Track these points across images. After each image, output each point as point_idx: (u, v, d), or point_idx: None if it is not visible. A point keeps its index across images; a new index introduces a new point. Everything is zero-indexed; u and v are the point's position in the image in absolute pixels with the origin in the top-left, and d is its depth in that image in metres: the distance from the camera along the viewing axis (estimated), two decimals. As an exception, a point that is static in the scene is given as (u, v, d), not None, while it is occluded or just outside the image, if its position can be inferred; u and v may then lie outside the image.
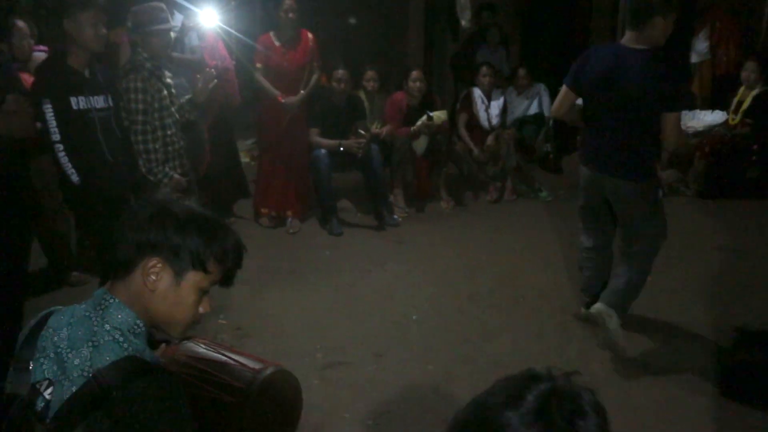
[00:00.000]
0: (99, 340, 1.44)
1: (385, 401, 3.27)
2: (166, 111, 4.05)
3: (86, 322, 1.48)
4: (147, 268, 1.50)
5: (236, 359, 2.11)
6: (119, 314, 1.49)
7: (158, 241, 1.50)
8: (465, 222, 6.07)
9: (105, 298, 1.51)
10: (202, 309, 1.59)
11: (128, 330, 1.49)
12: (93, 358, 1.41)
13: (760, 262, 4.91)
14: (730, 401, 3.22)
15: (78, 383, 1.39)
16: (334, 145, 5.68)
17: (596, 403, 1.09)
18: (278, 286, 4.56)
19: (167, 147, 4.07)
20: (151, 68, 3.99)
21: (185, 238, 1.51)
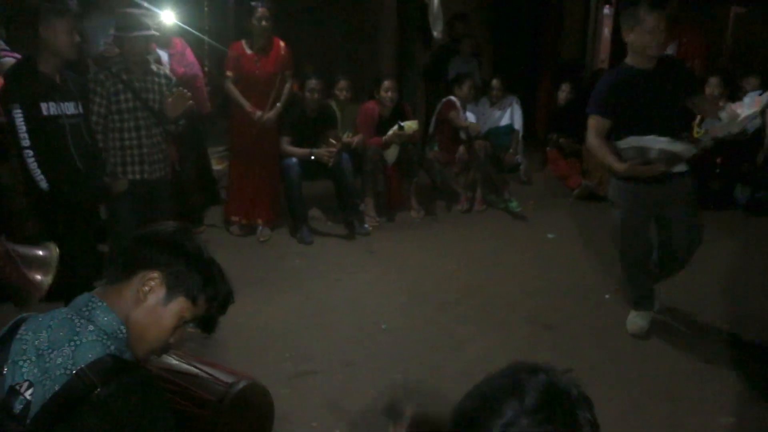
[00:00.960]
0: (81, 339, 1.46)
1: (354, 410, 3.28)
2: (128, 114, 4.06)
3: (68, 324, 1.49)
4: (146, 279, 1.58)
5: (208, 372, 2.11)
6: (105, 317, 1.52)
7: (166, 263, 1.60)
8: (435, 231, 6.10)
9: (92, 301, 1.54)
10: (173, 340, 1.65)
11: (111, 333, 1.51)
12: (75, 356, 1.43)
13: (723, 272, 4.99)
14: (693, 406, 3.28)
15: (61, 381, 1.40)
16: (306, 154, 5.69)
17: (586, 397, 1.15)
18: (248, 294, 4.54)
19: (125, 150, 4.08)
20: (116, 71, 4.01)
21: (190, 270, 1.61)
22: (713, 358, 3.75)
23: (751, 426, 3.19)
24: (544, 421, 1.09)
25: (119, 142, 4.12)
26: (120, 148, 4.12)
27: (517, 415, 1.10)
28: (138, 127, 4.14)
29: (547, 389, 1.13)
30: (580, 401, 1.14)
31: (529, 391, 1.12)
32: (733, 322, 4.20)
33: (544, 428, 1.09)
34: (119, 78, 4.07)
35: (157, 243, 1.63)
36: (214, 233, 5.80)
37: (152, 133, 4.21)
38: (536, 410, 1.10)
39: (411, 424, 1.72)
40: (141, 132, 4.15)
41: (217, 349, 3.81)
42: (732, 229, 6.02)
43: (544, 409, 1.10)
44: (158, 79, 4.24)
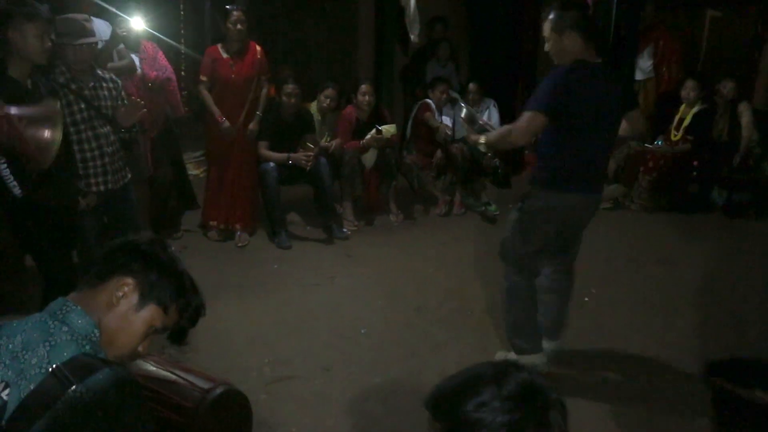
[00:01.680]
0: (56, 340, 1.47)
1: (332, 415, 3.27)
2: (85, 124, 3.95)
3: (42, 326, 1.50)
4: (119, 284, 1.61)
5: (185, 378, 2.08)
6: (80, 320, 1.53)
7: (140, 270, 1.63)
8: (414, 235, 6.10)
9: (66, 305, 1.56)
10: (142, 348, 1.68)
11: (85, 335, 1.52)
12: (50, 356, 1.44)
13: (700, 275, 5.04)
14: (669, 407, 3.30)
15: (36, 380, 1.40)
16: (283, 158, 5.67)
17: (561, 400, 1.20)
18: (226, 299, 4.51)
19: (87, 162, 3.99)
20: (64, 81, 3.91)
21: (163, 280, 1.65)
22: (690, 360, 3.78)
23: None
24: (515, 409, 1.14)
25: (80, 155, 3.94)
26: (81, 161, 3.95)
27: (492, 398, 1.15)
28: (97, 137, 3.98)
29: (527, 384, 1.18)
30: (556, 404, 1.19)
31: (509, 382, 1.17)
32: (710, 325, 4.23)
33: (514, 415, 1.14)
34: (68, 88, 3.91)
35: (133, 251, 1.65)
36: (192, 238, 5.76)
37: (111, 141, 4.07)
38: (510, 397, 1.15)
39: None
40: (101, 141, 3.99)
41: (194, 354, 3.78)
42: (709, 232, 6.09)
43: (518, 398, 1.15)
44: (106, 84, 4.08)
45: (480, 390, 1.16)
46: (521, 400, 1.15)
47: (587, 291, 4.69)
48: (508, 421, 1.13)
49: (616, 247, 5.68)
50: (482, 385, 1.17)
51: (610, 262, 5.32)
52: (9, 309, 4.22)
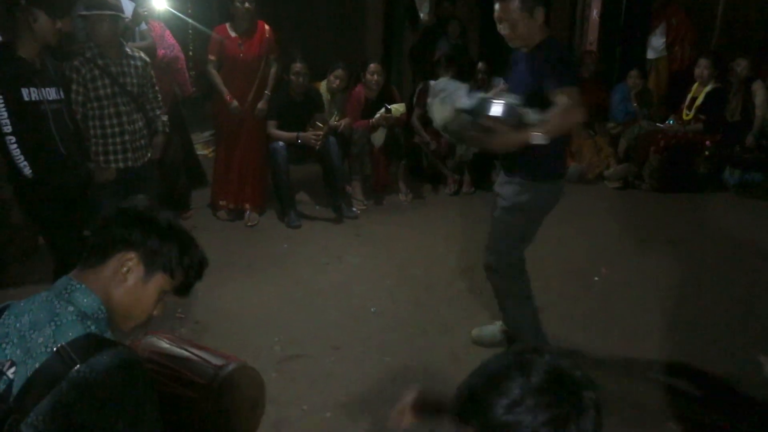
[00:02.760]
0: (61, 320, 1.47)
1: (343, 393, 3.28)
2: (108, 100, 3.99)
3: (48, 306, 1.50)
4: (123, 260, 1.59)
5: (198, 354, 2.09)
6: (85, 299, 1.53)
7: (140, 241, 1.61)
8: (423, 214, 6.09)
9: (71, 284, 1.55)
10: (156, 312, 1.68)
11: (92, 314, 1.52)
12: (56, 335, 1.44)
13: (710, 255, 5.02)
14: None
15: (42, 359, 1.41)
16: (292, 138, 5.66)
17: (589, 378, 1.16)
18: (236, 279, 4.53)
19: (107, 138, 4.02)
20: (90, 56, 3.94)
21: (164, 245, 1.63)
22: (701, 341, 3.77)
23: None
24: (552, 404, 1.10)
25: (100, 130, 4.02)
26: (102, 137, 4.03)
27: (523, 395, 1.11)
28: (119, 114, 4.05)
29: (553, 369, 1.14)
30: (585, 382, 1.15)
31: (535, 371, 1.13)
32: (721, 305, 4.22)
33: (553, 411, 1.10)
34: (95, 63, 3.97)
35: (129, 222, 1.63)
36: (202, 218, 5.77)
37: (133, 119, 4.13)
38: (543, 390, 1.11)
39: (414, 404, 1.72)
40: (122, 118, 4.06)
41: (205, 333, 3.80)
42: (721, 212, 6.05)
43: (551, 389, 1.11)
44: (134, 62, 4.13)
45: (508, 387, 1.12)
46: (554, 392, 1.11)
47: (597, 270, 4.69)
48: (549, 419, 1.09)
49: (625, 227, 5.66)
50: (508, 380, 1.13)
51: (620, 242, 5.31)
52: (22, 288, 4.26)
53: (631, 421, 3.02)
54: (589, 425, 1.11)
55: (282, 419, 3.03)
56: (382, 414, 3.12)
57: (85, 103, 3.98)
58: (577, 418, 1.10)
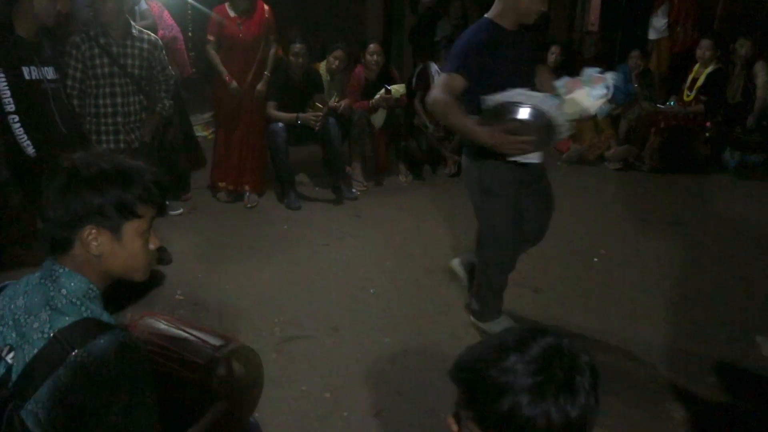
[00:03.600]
0: (57, 304, 1.44)
1: (342, 374, 3.29)
2: (104, 80, 3.97)
3: (41, 289, 1.48)
4: (84, 239, 1.48)
5: (197, 335, 2.09)
6: (71, 282, 1.48)
7: (79, 210, 1.46)
8: (423, 196, 6.09)
9: (54, 269, 1.50)
10: (153, 245, 1.59)
11: (83, 295, 1.48)
12: (52, 321, 1.42)
13: (710, 236, 5.02)
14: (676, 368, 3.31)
15: (39, 345, 1.40)
16: (292, 119, 5.64)
17: (593, 364, 1.17)
18: (236, 260, 4.53)
19: (99, 118, 4.00)
20: (93, 34, 3.92)
21: (103, 195, 1.47)
22: (700, 321, 3.79)
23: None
24: (538, 372, 1.12)
25: (94, 109, 4.01)
26: (95, 116, 4.02)
27: (515, 362, 1.13)
28: (113, 94, 4.02)
29: (552, 347, 1.16)
30: (583, 368, 1.16)
31: (533, 347, 1.16)
32: (720, 285, 4.22)
33: (536, 377, 1.12)
34: (96, 42, 3.95)
35: (56, 204, 1.48)
36: (201, 200, 5.76)
37: (129, 101, 4.09)
38: (533, 360, 1.13)
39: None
40: (117, 99, 4.03)
41: (205, 315, 3.81)
42: (720, 194, 6.04)
43: (541, 361, 1.13)
44: (140, 44, 4.09)
45: (504, 355, 1.15)
46: (545, 364, 1.13)
47: (596, 251, 4.69)
48: (529, 384, 1.11)
49: (626, 208, 5.66)
50: (506, 351, 1.15)
51: (620, 223, 5.31)
52: (22, 270, 4.26)
53: (629, 401, 3.04)
54: (572, 409, 1.12)
55: (281, 400, 3.04)
56: (381, 394, 3.13)
57: (84, 80, 3.96)
58: (558, 395, 1.11)
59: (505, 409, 1.12)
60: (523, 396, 1.11)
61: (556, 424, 1.11)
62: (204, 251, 4.71)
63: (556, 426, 1.11)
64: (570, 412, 1.11)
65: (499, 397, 1.12)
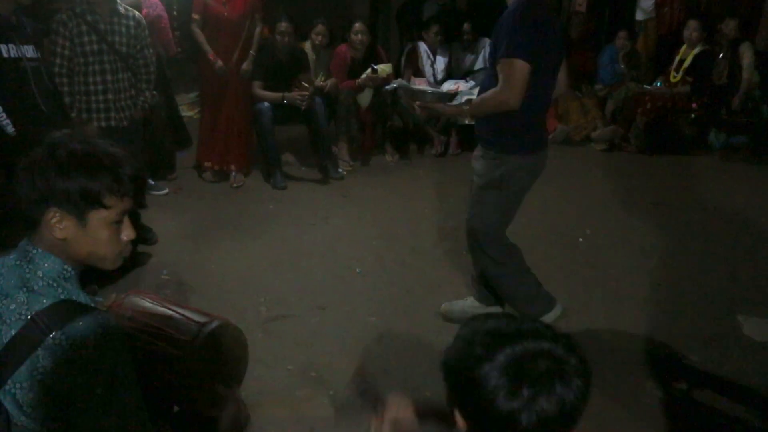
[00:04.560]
0: (33, 286, 1.43)
1: (328, 353, 3.30)
2: (93, 57, 3.94)
3: (17, 271, 1.46)
4: (48, 222, 1.45)
5: (181, 313, 2.08)
6: (45, 263, 1.47)
7: (46, 192, 1.43)
8: (409, 175, 6.09)
9: (28, 249, 1.48)
10: (126, 237, 1.54)
11: (58, 276, 1.47)
12: (29, 302, 1.41)
13: (694, 217, 5.05)
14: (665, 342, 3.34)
15: (16, 327, 1.39)
16: (277, 98, 5.60)
17: (581, 367, 1.16)
18: (221, 240, 4.52)
19: (90, 96, 3.98)
20: (80, 11, 3.88)
21: (69, 181, 1.42)
22: (682, 301, 3.82)
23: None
24: (513, 375, 1.13)
25: (84, 87, 3.99)
26: (85, 93, 4.00)
27: (495, 359, 1.14)
28: (104, 71, 4.00)
29: (529, 351, 1.15)
30: (568, 375, 1.14)
31: (519, 343, 1.16)
32: (703, 266, 4.26)
33: (511, 378, 1.13)
34: (83, 19, 3.91)
35: (26, 182, 1.46)
36: (187, 180, 5.74)
37: (119, 78, 4.08)
38: (509, 366, 1.14)
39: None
40: (107, 77, 4.02)
41: (190, 294, 3.80)
42: (705, 175, 6.07)
43: (519, 363, 1.14)
44: (126, 21, 4.06)
45: (494, 352, 1.15)
46: (522, 365, 1.13)
47: (582, 232, 4.71)
48: (504, 384, 1.12)
49: (611, 189, 5.68)
50: (486, 345, 1.16)
51: (605, 204, 5.33)
52: (4, 252, 4.23)
53: (613, 379, 3.06)
54: (567, 394, 1.13)
55: (267, 379, 3.04)
56: (366, 373, 3.15)
57: (71, 58, 3.93)
58: (537, 395, 1.12)
59: (504, 414, 1.13)
60: (516, 402, 1.12)
61: (550, 416, 1.12)
62: (190, 231, 4.69)
63: (551, 416, 1.12)
64: (566, 397, 1.12)
65: (493, 401, 1.13)
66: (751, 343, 3.39)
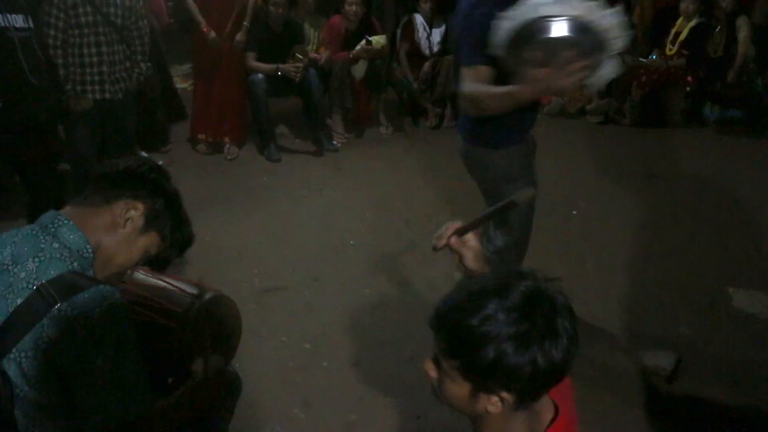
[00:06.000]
0: (45, 256, 1.45)
1: (322, 325, 3.32)
2: (88, 29, 3.91)
3: (32, 240, 1.48)
4: (129, 207, 1.59)
5: (175, 285, 2.09)
6: (72, 235, 1.50)
7: (148, 197, 1.63)
8: (404, 147, 6.07)
9: (58, 218, 1.52)
10: (131, 271, 1.74)
11: (77, 251, 1.50)
12: (38, 272, 1.43)
13: (688, 190, 5.06)
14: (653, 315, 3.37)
15: (23, 295, 1.40)
16: (272, 70, 5.58)
17: (569, 305, 1.18)
18: (215, 212, 4.52)
19: (84, 68, 3.95)
20: None
21: (167, 210, 1.68)
22: (676, 274, 3.84)
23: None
24: (522, 320, 1.12)
25: (78, 59, 3.96)
26: (80, 65, 3.97)
27: (497, 310, 1.13)
28: (99, 43, 3.97)
29: (532, 292, 1.16)
30: (563, 310, 1.17)
31: (513, 292, 1.15)
32: (696, 239, 4.27)
33: (520, 326, 1.12)
34: None
35: (141, 178, 1.64)
36: (181, 152, 5.73)
37: (114, 50, 4.06)
38: (515, 308, 1.13)
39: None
40: (102, 48, 3.99)
41: (184, 267, 3.80)
42: (700, 148, 6.06)
43: (523, 308, 1.13)
44: None
45: (484, 303, 1.14)
46: (527, 310, 1.13)
47: (575, 204, 4.71)
48: (514, 333, 1.11)
49: (605, 162, 5.68)
50: (486, 298, 1.15)
51: (599, 177, 5.33)
52: None
53: (604, 349, 3.10)
54: (557, 353, 1.13)
55: (261, 350, 3.06)
56: (360, 345, 3.17)
57: (66, 30, 3.89)
58: (543, 341, 1.12)
59: (490, 359, 1.13)
60: (508, 345, 1.12)
61: (541, 370, 1.13)
62: (183, 203, 4.68)
63: (541, 371, 1.13)
64: (554, 356, 1.13)
65: (483, 347, 1.13)
66: (741, 315, 3.41)
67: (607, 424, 2.66)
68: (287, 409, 2.78)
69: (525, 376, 1.13)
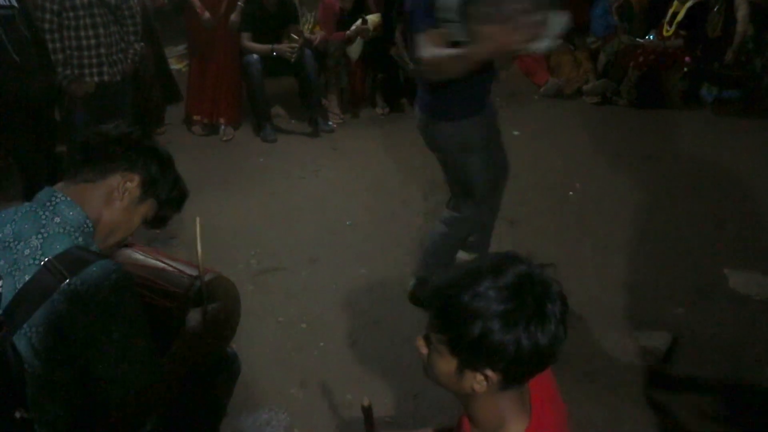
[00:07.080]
0: (48, 231, 1.47)
1: (318, 305, 3.33)
2: (84, 11, 3.87)
3: (32, 216, 1.49)
4: (125, 179, 1.61)
5: (174, 265, 2.08)
6: (70, 211, 1.51)
7: (143, 167, 1.65)
8: (400, 128, 6.04)
9: (55, 195, 1.53)
10: (130, 237, 1.75)
11: (78, 226, 1.51)
12: (44, 248, 1.44)
13: (684, 171, 5.05)
14: (649, 294, 3.38)
15: (30, 271, 1.41)
16: (267, 50, 5.54)
17: (562, 293, 1.19)
18: (212, 194, 4.50)
19: (82, 51, 3.91)
20: None
21: (162, 175, 1.70)
22: (671, 254, 3.85)
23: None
24: (511, 299, 1.14)
25: (75, 42, 3.92)
26: (77, 48, 3.93)
27: (488, 288, 1.15)
28: (95, 25, 3.94)
29: (524, 275, 1.18)
30: (555, 297, 1.18)
31: (507, 273, 1.17)
32: (692, 220, 4.27)
33: (508, 304, 1.14)
34: None
35: (133, 146, 1.66)
36: (176, 133, 5.70)
37: (110, 32, 4.03)
38: (507, 288, 1.15)
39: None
40: (99, 30, 3.96)
41: (181, 248, 3.81)
42: (697, 129, 6.05)
43: (515, 288, 1.15)
44: None
45: (477, 281, 1.16)
46: (517, 291, 1.15)
47: (572, 185, 4.71)
48: (502, 311, 1.13)
49: (602, 143, 5.67)
50: (480, 277, 1.17)
51: (596, 158, 5.32)
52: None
53: (600, 329, 3.10)
54: (542, 337, 1.15)
55: (258, 331, 3.07)
56: (356, 324, 3.18)
57: (61, 13, 3.85)
58: (530, 322, 1.14)
59: (476, 335, 1.14)
60: (495, 322, 1.13)
61: (525, 351, 1.14)
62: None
63: (525, 352, 1.14)
64: (540, 339, 1.14)
65: (471, 322, 1.15)
66: (736, 296, 3.43)
67: (601, 404, 2.68)
68: (284, 388, 2.79)
69: (509, 355, 1.14)
